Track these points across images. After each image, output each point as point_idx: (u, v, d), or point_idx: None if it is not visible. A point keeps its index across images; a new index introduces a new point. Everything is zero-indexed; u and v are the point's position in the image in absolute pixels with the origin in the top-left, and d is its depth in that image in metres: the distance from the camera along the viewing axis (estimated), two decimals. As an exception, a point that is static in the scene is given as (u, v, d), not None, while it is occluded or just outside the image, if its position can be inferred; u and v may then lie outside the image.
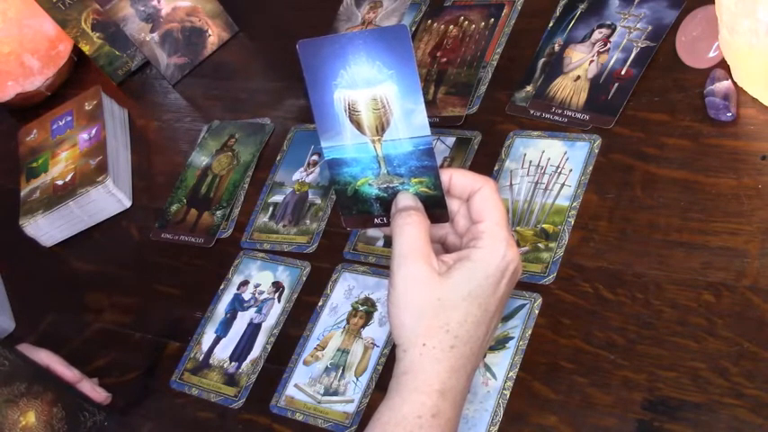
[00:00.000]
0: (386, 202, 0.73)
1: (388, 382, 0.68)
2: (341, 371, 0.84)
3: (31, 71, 1.30)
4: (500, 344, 0.77)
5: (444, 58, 1.01)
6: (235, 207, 1.03)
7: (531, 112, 0.91)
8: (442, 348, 0.66)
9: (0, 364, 0.81)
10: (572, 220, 0.82)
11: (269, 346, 0.89)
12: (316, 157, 1.02)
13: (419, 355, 0.66)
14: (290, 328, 0.90)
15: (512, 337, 0.77)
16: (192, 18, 1.22)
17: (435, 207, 0.72)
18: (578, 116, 0.87)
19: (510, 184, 0.87)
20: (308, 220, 0.97)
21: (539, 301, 0.78)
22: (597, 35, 0.92)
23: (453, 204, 0.72)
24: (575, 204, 0.82)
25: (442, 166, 0.89)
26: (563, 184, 0.84)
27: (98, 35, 1.25)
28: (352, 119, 0.69)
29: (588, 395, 0.72)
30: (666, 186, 0.79)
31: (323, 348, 0.86)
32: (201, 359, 0.92)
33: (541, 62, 0.94)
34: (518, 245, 0.79)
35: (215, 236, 1.02)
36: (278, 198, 1.01)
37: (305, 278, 0.92)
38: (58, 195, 1.12)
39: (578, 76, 0.90)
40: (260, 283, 0.95)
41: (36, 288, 1.13)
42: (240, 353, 0.90)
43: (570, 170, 0.85)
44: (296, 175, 1.02)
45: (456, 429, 0.67)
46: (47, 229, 1.12)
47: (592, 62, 0.90)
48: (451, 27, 1.03)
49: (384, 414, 0.66)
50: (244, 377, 0.89)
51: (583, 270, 0.79)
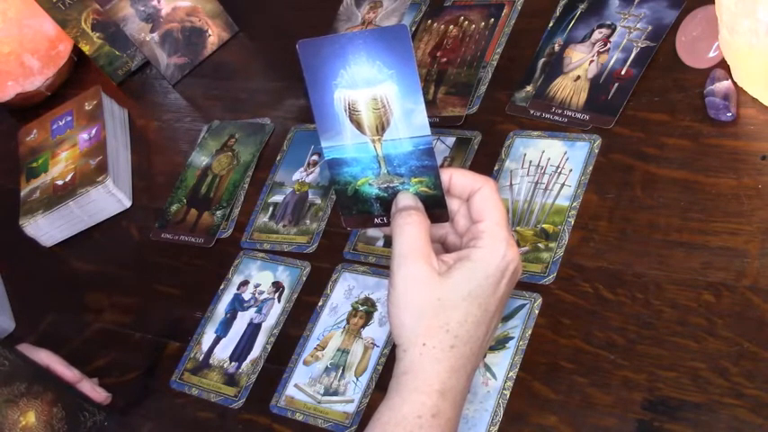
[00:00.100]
0: (386, 202, 0.73)
1: (388, 382, 0.68)
2: (341, 371, 0.84)
3: (31, 71, 1.30)
4: (500, 344, 0.77)
5: (444, 58, 1.01)
6: (235, 207, 1.03)
7: (531, 112, 0.91)
8: (442, 348, 0.66)
9: (0, 364, 0.81)
10: (572, 220, 0.82)
11: (269, 346, 0.89)
12: (316, 157, 1.02)
13: (419, 355, 0.66)
14: (290, 328, 0.90)
15: (512, 337, 0.77)
16: (192, 18, 1.22)
17: (435, 207, 0.72)
18: (578, 116, 0.87)
19: (510, 184, 0.87)
20: (308, 220, 0.97)
21: (539, 301, 0.78)
22: (597, 35, 0.92)
23: (453, 204, 0.72)
24: (575, 204, 0.82)
25: (442, 165, 0.88)
26: (563, 184, 0.84)
27: (98, 35, 1.25)
28: (352, 119, 0.69)
29: (588, 395, 0.72)
30: (666, 186, 0.79)
31: (323, 348, 0.86)
32: (201, 359, 0.92)
33: (541, 62, 0.94)
34: (518, 245, 0.79)
35: (215, 236, 1.02)
36: (278, 198, 1.01)
37: (305, 278, 0.92)
38: (58, 195, 1.12)
39: (578, 76, 0.90)
40: (260, 283, 0.95)
41: (36, 288, 1.13)
42: (240, 353, 0.90)
43: (570, 170, 0.85)
44: (296, 175, 1.02)
45: (456, 429, 0.67)
46: (47, 229, 1.12)
47: (592, 62, 0.90)
48: (451, 27, 1.03)
49: (384, 414, 0.66)
50: (244, 377, 0.88)
51: (583, 270, 0.79)
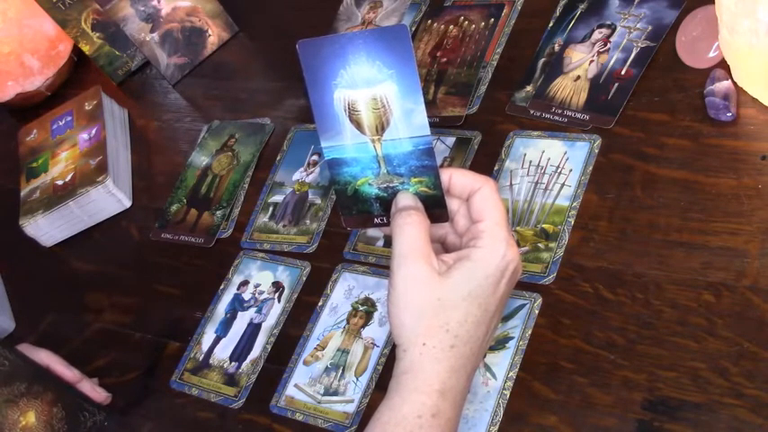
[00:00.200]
0: (386, 202, 0.73)
1: (388, 382, 0.68)
2: (341, 371, 0.84)
3: (31, 71, 1.30)
4: (500, 344, 0.77)
5: (444, 58, 1.01)
6: (235, 207, 1.03)
7: (531, 112, 0.91)
8: (442, 348, 0.66)
9: (0, 364, 0.81)
10: (572, 220, 0.82)
11: (269, 346, 0.89)
12: (316, 157, 1.02)
13: (419, 355, 0.66)
14: (290, 328, 0.90)
15: (512, 337, 0.77)
16: (192, 18, 1.22)
17: (435, 207, 0.72)
18: (578, 116, 0.87)
19: (510, 184, 0.87)
20: (308, 220, 0.97)
21: (539, 301, 0.78)
22: (597, 35, 0.92)
23: (453, 204, 0.72)
24: (575, 204, 0.82)
25: (441, 165, 0.88)
26: (563, 184, 0.84)
27: (98, 35, 1.25)
28: (351, 119, 0.69)
29: (588, 395, 0.72)
30: (666, 186, 0.79)
31: (323, 348, 0.86)
32: (201, 359, 0.92)
33: (541, 62, 0.94)
34: (518, 245, 0.79)
35: (215, 236, 1.02)
36: (278, 198, 1.01)
37: (305, 278, 0.92)
38: (58, 195, 1.12)
39: (578, 76, 0.90)
40: (260, 283, 0.95)
41: (36, 288, 1.13)
42: (240, 353, 0.90)
43: (570, 170, 0.85)
44: (296, 175, 1.02)
45: (456, 429, 0.67)
46: (47, 229, 1.12)
47: (592, 62, 0.90)
48: (451, 27, 1.03)
49: (384, 414, 0.66)
50: (244, 377, 0.88)
51: (583, 270, 0.78)
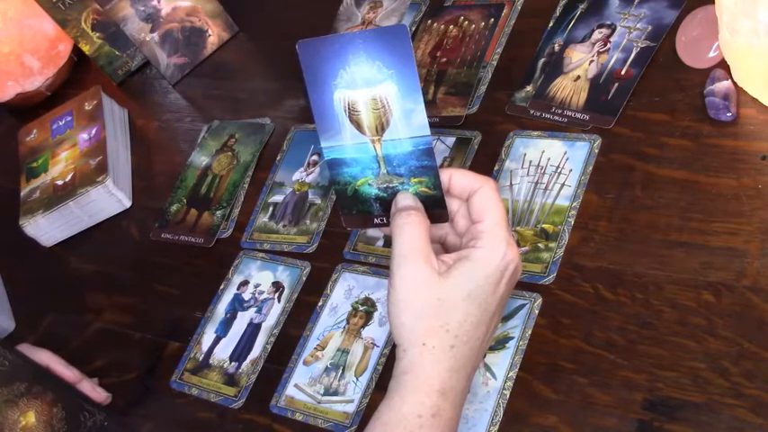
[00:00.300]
0: (386, 202, 0.73)
1: (388, 381, 0.68)
2: (341, 371, 0.84)
3: (31, 71, 1.30)
4: (500, 344, 0.77)
5: (444, 58, 1.01)
6: (235, 207, 1.03)
7: (531, 112, 0.91)
8: (442, 348, 0.66)
9: (0, 364, 0.81)
10: (572, 220, 0.82)
11: (269, 346, 0.89)
12: (316, 157, 1.02)
13: (419, 355, 0.66)
14: (290, 328, 0.90)
15: (512, 337, 0.77)
16: (192, 18, 1.22)
17: (435, 207, 0.72)
18: (578, 116, 0.87)
19: (510, 184, 0.87)
20: (307, 220, 0.97)
21: (539, 301, 0.78)
22: (597, 35, 0.92)
23: (453, 204, 0.72)
24: (575, 204, 0.82)
25: (441, 165, 0.88)
26: (563, 184, 0.84)
27: (98, 35, 1.25)
28: (351, 119, 0.69)
29: (588, 395, 0.72)
30: (666, 186, 0.79)
31: (323, 348, 0.86)
32: (201, 359, 0.92)
33: (541, 62, 0.94)
34: (518, 245, 0.79)
35: (215, 236, 1.02)
36: (278, 198, 1.01)
37: (305, 278, 0.92)
38: (58, 195, 1.12)
39: (578, 76, 0.90)
40: (260, 283, 0.95)
41: (36, 288, 1.13)
42: (240, 353, 0.90)
43: (570, 170, 0.85)
44: (296, 175, 1.02)
45: (456, 429, 0.67)
46: (47, 229, 1.12)
47: (592, 62, 0.90)
48: (451, 27, 1.03)
49: (384, 414, 0.66)
50: (244, 377, 0.88)
51: (583, 270, 0.78)
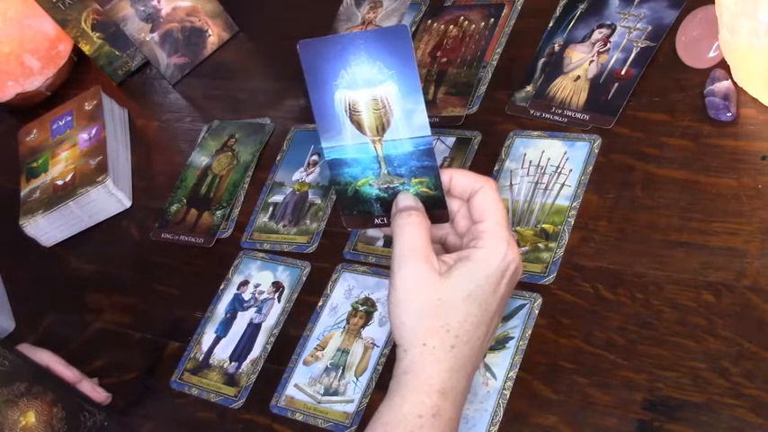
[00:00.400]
0: (386, 203, 0.73)
1: (388, 382, 0.68)
2: (341, 371, 0.84)
3: (31, 71, 1.30)
4: (500, 344, 0.77)
5: (444, 58, 1.01)
6: (235, 207, 1.03)
7: (531, 112, 0.91)
8: (443, 348, 0.66)
9: (0, 364, 0.81)
10: (572, 220, 0.82)
11: (269, 346, 0.89)
12: (316, 157, 1.02)
13: (420, 355, 0.66)
14: (290, 328, 0.90)
15: (512, 337, 0.77)
16: (192, 18, 1.22)
17: (436, 207, 0.72)
18: (578, 116, 0.87)
19: (510, 184, 0.87)
20: (307, 220, 0.97)
21: (539, 301, 0.78)
22: (597, 35, 0.92)
23: (454, 204, 0.72)
24: (575, 204, 0.82)
25: (442, 166, 0.88)
26: (563, 184, 0.84)
27: (98, 35, 1.25)
28: (352, 119, 0.69)
29: (588, 395, 0.72)
30: (666, 186, 0.79)
31: (323, 348, 0.86)
32: (201, 359, 0.92)
33: (541, 62, 0.94)
34: (518, 245, 0.79)
35: (215, 236, 1.02)
36: (278, 198, 1.01)
37: (305, 278, 0.92)
38: (58, 195, 1.12)
39: (578, 76, 0.90)
40: (260, 283, 0.95)
41: (36, 288, 1.13)
42: (240, 353, 0.90)
43: (570, 170, 0.85)
44: (296, 175, 1.02)
45: (456, 429, 0.67)
46: (47, 229, 1.12)
47: (592, 62, 0.90)
48: (451, 27, 1.03)
49: (384, 414, 0.66)
50: (244, 377, 0.89)
51: (583, 270, 0.79)
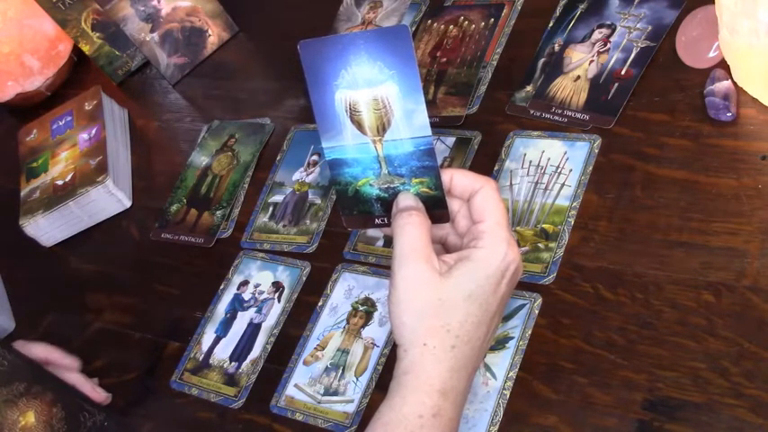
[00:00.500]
0: (386, 203, 0.73)
1: (388, 382, 0.68)
2: (341, 371, 0.84)
3: (31, 71, 1.30)
4: (500, 344, 0.77)
5: (444, 58, 1.01)
6: (235, 207, 1.03)
7: (531, 112, 0.91)
8: (443, 348, 0.66)
9: (-1, 364, 0.81)
10: (572, 220, 0.82)
11: (269, 346, 0.89)
12: (316, 157, 1.02)
13: (420, 355, 0.66)
14: (290, 328, 0.90)
15: (512, 337, 0.77)
16: (192, 18, 1.22)
17: (436, 207, 0.72)
18: (578, 116, 0.88)
19: (510, 184, 0.87)
20: (308, 220, 0.97)
21: (539, 301, 0.78)
22: (597, 35, 0.92)
23: (454, 204, 0.72)
24: (575, 204, 0.82)
25: (442, 166, 0.88)
26: (563, 184, 0.84)
27: (98, 35, 1.25)
28: (353, 119, 0.69)
29: (588, 395, 0.72)
30: (666, 186, 0.79)
31: (323, 348, 0.86)
32: (201, 359, 0.92)
33: (541, 62, 0.94)
34: (518, 245, 0.79)
35: (215, 236, 1.02)
36: (278, 198, 1.01)
37: (305, 278, 0.92)
38: (58, 195, 1.12)
39: (578, 76, 0.90)
40: (260, 283, 0.95)
41: (36, 288, 1.13)
42: (240, 353, 0.90)
43: (570, 170, 0.85)
44: (296, 175, 1.02)
45: (457, 429, 0.67)
46: (47, 229, 1.12)
47: (592, 62, 0.90)
48: (451, 27, 1.03)
49: (385, 414, 0.66)
50: (244, 377, 0.89)
51: (583, 270, 0.79)
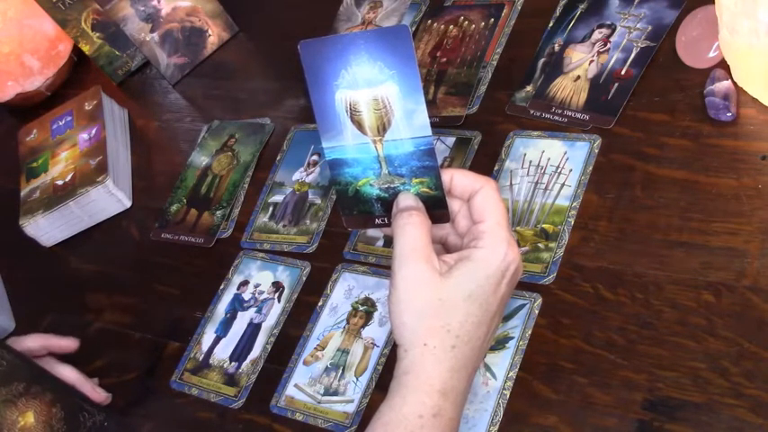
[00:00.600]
0: (387, 203, 0.73)
1: (388, 382, 0.68)
2: (341, 371, 0.84)
3: (31, 71, 1.30)
4: (500, 344, 0.77)
5: (444, 58, 1.01)
6: (235, 207, 1.03)
7: (531, 112, 0.91)
8: (444, 348, 0.66)
9: (-2, 364, 0.81)
10: (572, 220, 0.82)
11: (269, 346, 0.89)
12: (316, 157, 1.02)
13: (420, 355, 0.66)
14: (290, 328, 0.90)
15: (512, 337, 0.77)
16: (192, 18, 1.22)
17: (436, 207, 0.72)
18: (578, 116, 0.88)
19: (510, 184, 0.87)
20: (307, 220, 0.97)
21: (539, 301, 0.78)
22: (597, 35, 0.92)
23: (454, 204, 0.72)
24: (575, 204, 0.82)
25: (442, 166, 0.88)
26: (563, 184, 0.84)
27: (98, 35, 1.25)
28: (353, 119, 0.69)
29: (588, 395, 0.72)
30: (666, 186, 0.79)
31: (323, 348, 0.86)
32: (201, 359, 0.92)
33: (541, 62, 0.94)
34: (518, 245, 0.79)
35: (215, 236, 1.02)
36: (278, 198, 1.01)
37: (305, 278, 0.92)
38: (58, 195, 1.12)
39: (578, 76, 0.90)
40: (260, 283, 0.95)
41: (36, 288, 1.13)
42: (240, 353, 0.90)
43: (570, 170, 0.85)
44: (296, 175, 1.02)
45: (457, 429, 0.67)
46: (47, 229, 1.12)
47: (592, 62, 0.90)
48: (451, 27, 1.03)
49: (385, 414, 0.66)
50: (244, 377, 0.89)
51: (583, 270, 0.79)
